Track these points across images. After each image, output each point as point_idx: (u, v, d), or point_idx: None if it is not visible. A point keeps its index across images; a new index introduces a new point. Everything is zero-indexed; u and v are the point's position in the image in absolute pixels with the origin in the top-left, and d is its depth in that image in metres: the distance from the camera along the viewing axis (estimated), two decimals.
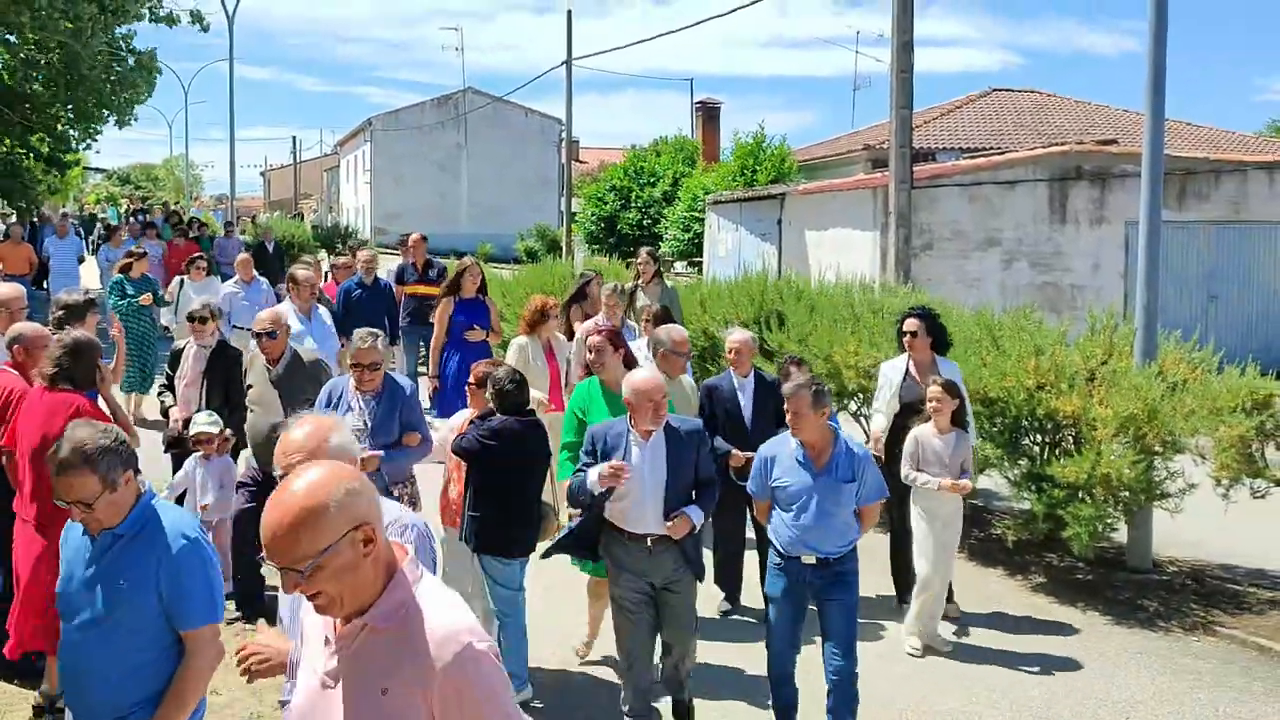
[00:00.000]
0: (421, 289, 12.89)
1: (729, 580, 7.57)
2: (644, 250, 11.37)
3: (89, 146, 32.42)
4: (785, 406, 5.39)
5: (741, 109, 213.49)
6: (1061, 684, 6.51)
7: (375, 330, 6.44)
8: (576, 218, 38.27)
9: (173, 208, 39.77)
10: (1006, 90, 33.15)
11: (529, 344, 8.64)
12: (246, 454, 7.30)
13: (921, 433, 6.94)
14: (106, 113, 28.12)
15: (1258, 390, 7.69)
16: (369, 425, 6.20)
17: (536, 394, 7.07)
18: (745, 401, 7.20)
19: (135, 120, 28.50)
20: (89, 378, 5.55)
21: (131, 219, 35.94)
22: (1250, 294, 18.47)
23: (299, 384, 6.93)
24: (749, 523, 7.25)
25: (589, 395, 6.45)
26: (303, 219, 52.42)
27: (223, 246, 22.26)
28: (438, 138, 53.03)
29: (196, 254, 15.17)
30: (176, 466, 7.97)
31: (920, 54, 14.37)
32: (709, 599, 7.05)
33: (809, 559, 5.34)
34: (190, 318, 8.33)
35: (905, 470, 6.95)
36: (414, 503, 6.41)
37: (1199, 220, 18.07)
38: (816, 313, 10.81)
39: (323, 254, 30.50)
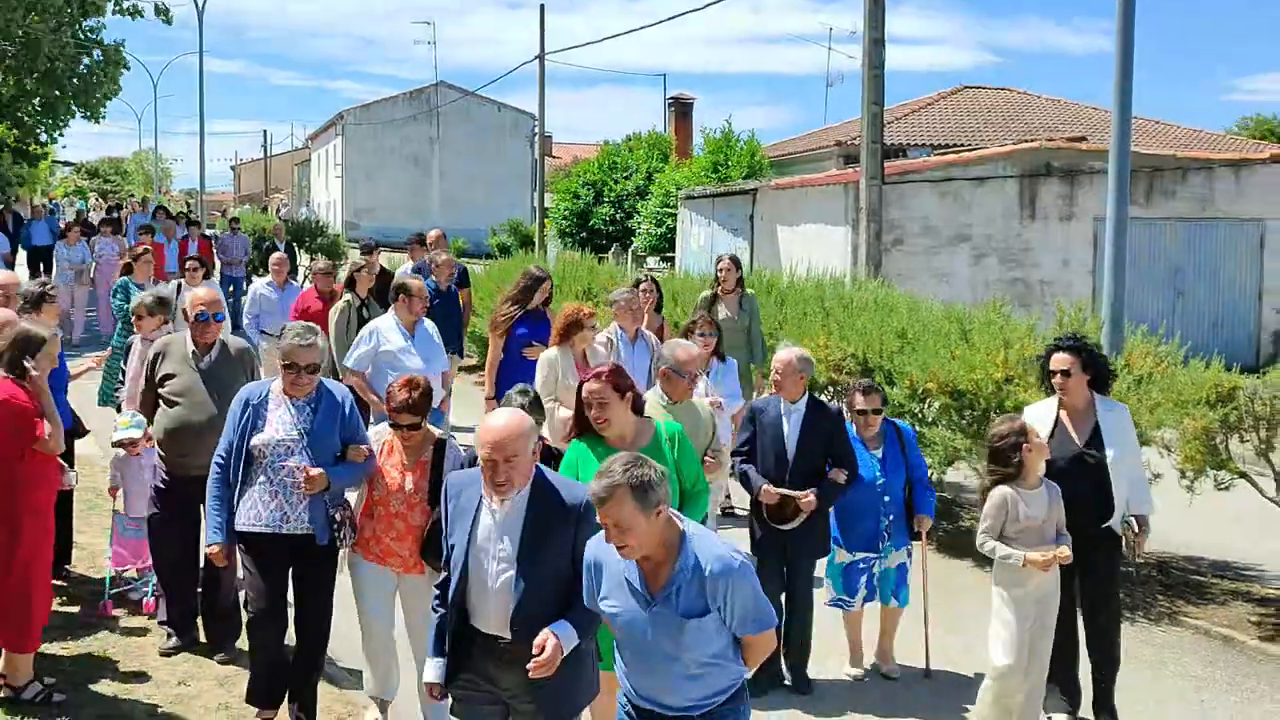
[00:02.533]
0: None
1: (788, 650, 6.20)
2: (727, 256, 10.06)
3: (55, 140, 31.98)
4: (598, 517, 3.55)
5: (715, 105, 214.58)
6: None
7: (313, 326, 5.56)
8: (549, 212, 38.23)
9: (160, 203, 36.46)
10: (978, 87, 33.36)
11: (559, 358, 7.36)
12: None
13: (1009, 491, 5.48)
14: (75, 106, 27.80)
15: (1222, 383, 7.76)
16: (305, 435, 5.36)
17: (565, 413, 6.27)
18: (790, 430, 6.07)
19: (105, 114, 28.28)
20: (18, 368, 5.54)
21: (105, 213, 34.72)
22: (1216, 290, 18.70)
23: (231, 375, 6.39)
24: (788, 574, 6.15)
25: (579, 465, 4.93)
26: (266, 211, 51.87)
27: (226, 245, 20.89)
28: (410, 132, 52.78)
29: (189, 255, 14.23)
30: None
31: (892, 51, 14.45)
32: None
33: (663, 715, 3.76)
34: (135, 311, 7.59)
35: (980, 538, 5.55)
36: (354, 528, 5.43)
37: (1166, 217, 18.28)
38: (787, 306, 10.87)
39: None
